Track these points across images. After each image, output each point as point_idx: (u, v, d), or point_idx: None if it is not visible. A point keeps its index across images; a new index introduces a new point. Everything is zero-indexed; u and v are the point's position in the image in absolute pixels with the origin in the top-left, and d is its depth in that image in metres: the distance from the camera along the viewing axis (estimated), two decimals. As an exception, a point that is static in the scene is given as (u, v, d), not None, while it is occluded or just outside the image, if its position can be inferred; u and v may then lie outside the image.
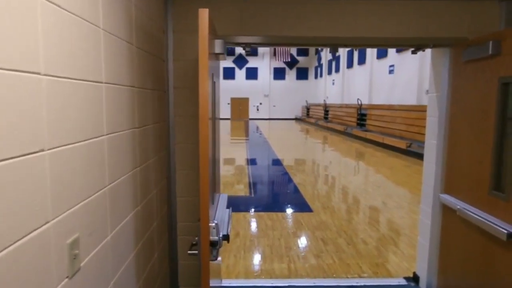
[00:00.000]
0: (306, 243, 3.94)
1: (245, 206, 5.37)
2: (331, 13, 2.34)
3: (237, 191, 6.26)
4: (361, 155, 11.21)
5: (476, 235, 2.08)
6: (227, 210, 2.09)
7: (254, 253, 3.69)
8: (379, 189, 6.45)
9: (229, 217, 1.96)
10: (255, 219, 4.76)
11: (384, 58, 16.18)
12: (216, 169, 2.11)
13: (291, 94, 31.69)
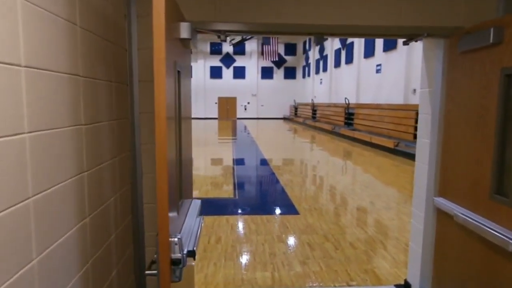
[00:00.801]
0: (291, 249, 3.72)
1: (229, 209, 5.12)
2: (316, -2, 2.11)
3: (221, 192, 6.00)
4: (349, 154, 11.08)
5: (477, 243, 1.88)
6: (198, 219, 1.84)
7: (236, 260, 3.45)
8: (367, 189, 6.28)
9: (199, 228, 1.71)
10: (238, 223, 4.51)
11: (371, 57, 16.13)
12: (186, 172, 1.86)
13: (279, 94, 31.54)
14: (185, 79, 1.80)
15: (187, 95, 1.89)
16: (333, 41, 21.73)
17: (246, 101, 31.62)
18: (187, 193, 1.90)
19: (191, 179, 2.12)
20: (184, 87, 1.77)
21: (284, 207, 5.24)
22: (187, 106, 1.91)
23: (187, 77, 1.90)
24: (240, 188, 6.35)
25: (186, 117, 1.90)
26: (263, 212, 5.00)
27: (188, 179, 1.95)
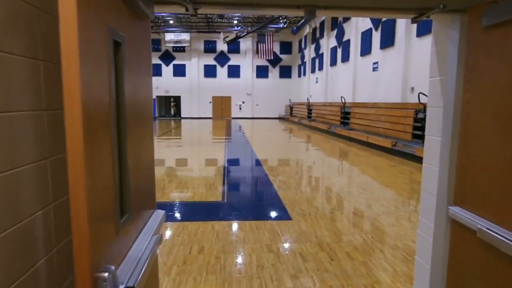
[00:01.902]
0: (282, 260, 3.32)
1: (215, 213, 4.72)
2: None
3: (208, 196, 5.60)
4: (345, 154, 10.71)
5: (505, 264, 1.50)
6: (153, 238, 1.44)
7: (219, 274, 3.05)
8: (364, 192, 5.91)
9: (151, 253, 1.30)
10: (225, 230, 4.11)
11: (368, 55, 15.80)
12: (142, 180, 1.46)
13: (274, 93, 31.17)
14: (136, 57, 1.40)
15: (140, 81, 1.48)
16: (329, 39, 21.40)
17: (241, 100, 31.22)
18: (142, 204, 1.49)
19: (151, 186, 1.72)
20: (134, 70, 1.37)
21: (275, 212, 4.85)
22: (141, 96, 1.51)
23: (141, 55, 1.49)
24: (230, 190, 5.95)
25: (141, 111, 1.50)
26: (253, 217, 4.60)
27: (145, 187, 1.55)
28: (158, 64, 30.82)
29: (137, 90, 1.42)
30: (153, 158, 1.79)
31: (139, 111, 1.45)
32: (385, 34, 14.05)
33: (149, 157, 1.67)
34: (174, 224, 4.27)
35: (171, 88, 30.99)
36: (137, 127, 1.41)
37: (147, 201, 1.60)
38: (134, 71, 1.38)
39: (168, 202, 5.24)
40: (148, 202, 1.63)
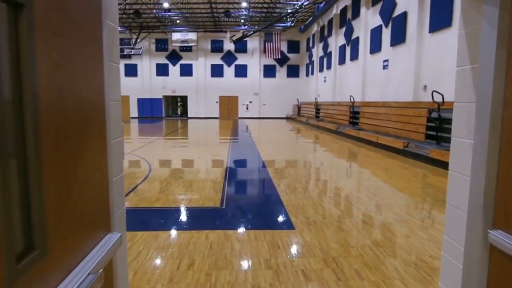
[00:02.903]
0: (281, 279, 2.92)
1: (211, 221, 4.33)
2: None
3: (206, 201, 5.22)
4: (354, 155, 10.24)
5: None
6: (88, 279, 1.05)
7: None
8: (375, 197, 5.47)
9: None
10: (220, 240, 3.72)
11: (378, 52, 15.28)
12: (77, 199, 1.08)
13: (281, 92, 30.76)
14: (68, 32, 1.01)
15: (80, 70, 1.10)
16: (337, 37, 20.90)
17: (248, 100, 30.88)
18: (80, 230, 1.11)
19: (101, 205, 1.33)
20: (64, 51, 0.99)
21: (277, 220, 4.45)
22: (82, 93, 1.12)
23: (82, 29, 1.11)
24: (230, 195, 5.56)
25: (83, 113, 1.12)
26: (252, 226, 4.21)
27: (87, 209, 1.16)
28: (165, 64, 30.67)
29: (72, 83, 1.04)
30: (107, 171, 1.41)
31: (75, 113, 1.07)
32: (395, 31, 13.53)
33: (98, 170, 1.29)
34: (165, 234, 3.89)
35: (178, 88, 30.80)
36: (71, 134, 1.03)
37: (91, 225, 1.22)
38: (64, 53, 1.00)
39: (161, 207, 4.87)
40: (94, 226, 1.24)
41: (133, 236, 3.83)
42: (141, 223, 4.32)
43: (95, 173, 1.26)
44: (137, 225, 4.23)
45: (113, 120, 1.67)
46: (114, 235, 1.36)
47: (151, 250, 3.48)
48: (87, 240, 1.19)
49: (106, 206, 1.39)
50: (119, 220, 1.62)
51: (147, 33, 29.02)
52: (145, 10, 24.13)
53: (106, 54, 1.48)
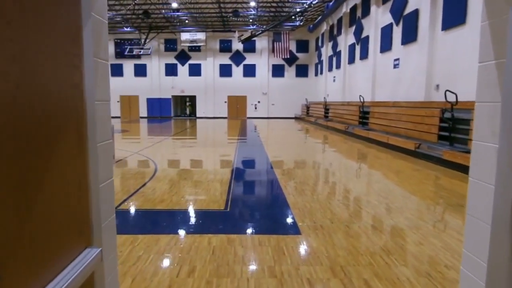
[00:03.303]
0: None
1: (215, 224, 4.19)
2: None
3: (211, 203, 5.08)
4: (364, 156, 10.01)
5: None
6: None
7: (207, 306, 2.52)
8: (386, 200, 5.26)
9: None
10: (223, 246, 3.58)
11: (388, 51, 14.97)
12: (44, 216, 0.94)
13: (290, 92, 30.54)
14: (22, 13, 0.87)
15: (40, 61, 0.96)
16: (346, 36, 20.62)
17: (257, 100, 30.74)
18: (49, 249, 0.97)
19: (78, 219, 1.19)
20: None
21: (283, 224, 4.28)
22: (46, 87, 0.98)
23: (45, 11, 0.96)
24: (235, 197, 5.41)
25: (49, 112, 0.98)
26: (257, 230, 4.05)
27: (57, 227, 1.03)
28: (174, 64, 30.73)
29: (35, 80, 0.90)
30: (86, 179, 1.27)
31: (39, 114, 0.93)
32: (407, 29, 13.22)
33: (73, 179, 1.15)
34: (166, 237, 3.77)
35: (187, 87, 30.83)
36: (34, 139, 0.90)
37: (64, 240, 1.08)
38: (23, 45, 0.86)
39: (165, 209, 4.75)
40: (68, 241, 1.11)
41: (134, 239, 3.72)
42: (143, 226, 4.21)
43: (69, 183, 1.12)
44: (139, 228, 4.11)
45: (100, 121, 1.53)
46: (94, 250, 1.23)
47: (151, 255, 3.35)
48: (59, 258, 1.06)
49: (85, 217, 1.25)
50: (106, 231, 1.48)
51: (156, 33, 29.09)
52: (154, 10, 24.17)
53: (88, 50, 1.34)
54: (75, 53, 1.23)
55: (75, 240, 1.18)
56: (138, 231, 3.98)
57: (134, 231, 3.95)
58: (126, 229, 4.02)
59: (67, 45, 1.16)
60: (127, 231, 3.97)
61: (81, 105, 1.20)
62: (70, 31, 1.19)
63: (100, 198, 1.45)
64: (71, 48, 1.19)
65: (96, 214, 1.32)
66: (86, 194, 1.27)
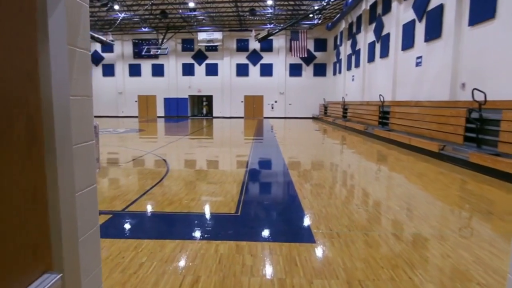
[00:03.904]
0: (296, 306, 2.49)
1: (224, 230, 3.96)
2: None
3: (221, 206, 4.85)
4: (384, 158, 9.58)
5: None
6: None
7: (209, 324, 2.27)
8: (408, 206, 4.90)
9: None
10: (231, 254, 3.34)
11: (410, 49, 14.41)
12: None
13: (308, 92, 30.11)
14: None
15: None
16: (366, 33, 20.06)
17: (273, 99, 30.46)
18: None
19: (28, 240, 0.96)
20: None
21: (296, 231, 4.00)
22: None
23: None
24: (247, 201, 5.17)
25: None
26: (268, 237, 3.79)
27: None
28: (191, 64, 30.82)
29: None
30: (44, 190, 1.04)
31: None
32: (430, 25, 12.65)
33: (23, 191, 0.93)
34: (172, 243, 3.55)
35: (203, 87, 30.87)
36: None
37: (9, 267, 0.86)
38: None
39: (173, 212, 4.55)
40: (16, 268, 0.88)
41: (138, 245, 3.52)
42: (149, 230, 4.02)
43: (17, 193, 0.90)
44: (144, 232, 3.92)
45: (77, 120, 1.30)
46: (53, 276, 1.00)
47: (154, 262, 3.15)
48: (6, 286, 0.83)
49: (42, 236, 1.03)
50: (75, 250, 1.24)
51: (173, 33, 29.23)
52: (171, 10, 24.24)
53: (57, 35, 1.11)
54: (32, 36, 1.00)
55: (29, 265, 0.96)
56: (143, 235, 3.79)
57: (139, 236, 3.76)
58: (130, 233, 3.83)
59: (19, 26, 0.94)
60: (132, 235, 3.78)
61: (34, 97, 0.98)
62: (26, 11, 0.96)
63: (76, 208, 1.23)
64: (27, 30, 0.97)
65: (57, 231, 1.09)
66: (43, 207, 1.04)
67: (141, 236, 3.75)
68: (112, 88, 31.58)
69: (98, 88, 31.67)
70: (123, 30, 29.11)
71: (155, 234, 3.84)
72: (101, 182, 6.32)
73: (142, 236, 3.77)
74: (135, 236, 3.75)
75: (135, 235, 3.80)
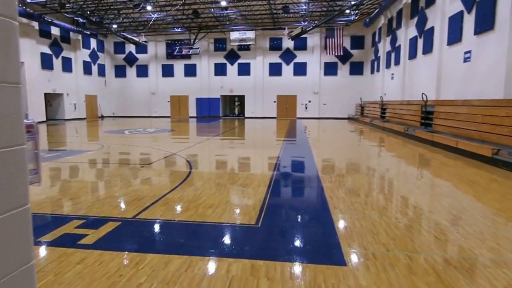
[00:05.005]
0: None
1: (239, 245, 3.45)
2: None
3: (240, 216, 4.35)
4: (428, 163, 8.67)
5: None
6: None
7: None
8: (460, 222, 4.15)
9: None
10: (244, 276, 2.83)
11: (458, 43, 13.19)
12: None
13: (343, 91, 29.01)
14: None
15: None
16: (407, 29, 18.83)
17: (307, 99, 29.66)
18: None
19: None
20: None
21: (323, 250, 3.41)
22: None
23: None
24: (270, 210, 4.63)
25: None
26: (289, 256, 3.24)
27: None
28: (223, 64, 30.74)
29: None
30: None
31: None
32: (481, 17, 11.43)
33: None
34: (179, 259, 3.10)
35: (236, 87, 30.69)
36: None
37: None
38: None
39: (186, 221, 4.12)
40: None
41: (141, 259, 3.11)
42: (156, 241, 3.60)
43: None
44: (150, 244, 3.51)
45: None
46: None
47: (154, 284, 2.71)
48: None
49: None
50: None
51: (206, 33, 29.26)
52: (204, 10, 24.21)
53: None
54: None
55: None
56: (149, 248, 3.38)
57: (144, 249, 3.35)
58: (135, 246, 3.43)
59: None
60: (136, 247, 3.38)
61: None
62: None
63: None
64: None
65: None
66: None
67: (146, 249, 3.34)
68: (146, 89, 32.22)
69: (132, 89, 32.44)
70: (156, 31, 29.57)
71: (162, 248, 3.41)
72: (118, 185, 6.06)
73: (147, 249, 3.35)
74: (139, 249, 3.34)
75: (140, 247, 3.39)
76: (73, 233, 3.74)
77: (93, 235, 3.66)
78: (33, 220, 3.49)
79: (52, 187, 5.82)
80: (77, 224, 3.99)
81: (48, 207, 4.64)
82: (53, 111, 26.89)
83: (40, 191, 5.47)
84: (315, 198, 5.33)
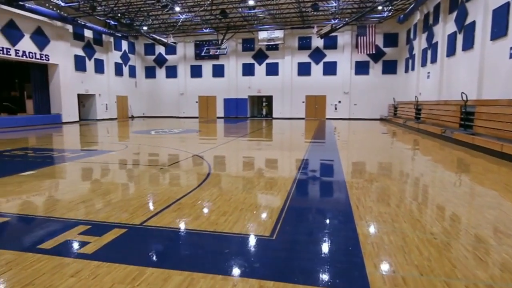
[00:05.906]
0: None
1: (248, 261, 3.07)
2: None
3: (254, 226, 3.97)
4: (468, 168, 7.89)
5: None
6: None
7: None
8: (509, 240, 3.54)
9: None
10: (249, 302, 2.45)
11: (503, 38, 12.12)
12: None
13: (375, 91, 27.92)
14: None
15: None
16: (445, 24, 17.69)
17: (337, 99, 28.81)
18: None
19: None
20: None
21: (345, 270, 2.95)
22: None
23: None
24: (287, 220, 4.22)
25: None
26: (305, 277, 2.82)
27: None
28: (251, 64, 30.51)
29: None
30: None
31: None
32: (531, 7, 10.38)
33: None
34: (179, 276, 2.77)
35: (263, 87, 30.37)
36: None
37: None
38: None
39: (195, 230, 3.79)
40: None
41: (139, 274, 2.81)
42: (158, 254, 3.29)
43: None
44: (151, 256, 3.21)
45: None
46: None
47: (146, 306, 2.39)
48: None
49: None
50: None
51: (233, 33, 29.14)
52: (231, 10, 24.05)
53: None
54: None
55: None
56: (149, 261, 3.08)
57: (144, 261, 3.05)
58: (135, 258, 3.14)
59: None
60: (136, 260, 3.08)
61: None
62: None
63: None
64: None
65: None
66: None
67: (146, 263, 3.04)
68: (174, 90, 32.61)
69: (162, 90, 32.94)
70: (185, 32, 29.81)
71: (163, 261, 3.10)
72: (133, 187, 5.87)
73: (147, 262, 3.05)
74: (139, 262, 3.05)
75: (140, 260, 3.10)
76: (76, 240, 3.52)
77: (95, 243, 3.42)
78: (40, 225, 3.24)
79: (67, 189, 5.72)
80: (82, 230, 3.77)
81: (58, 211, 4.49)
82: (86, 111, 27.79)
83: (54, 193, 5.37)
84: (338, 207, 4.84)
